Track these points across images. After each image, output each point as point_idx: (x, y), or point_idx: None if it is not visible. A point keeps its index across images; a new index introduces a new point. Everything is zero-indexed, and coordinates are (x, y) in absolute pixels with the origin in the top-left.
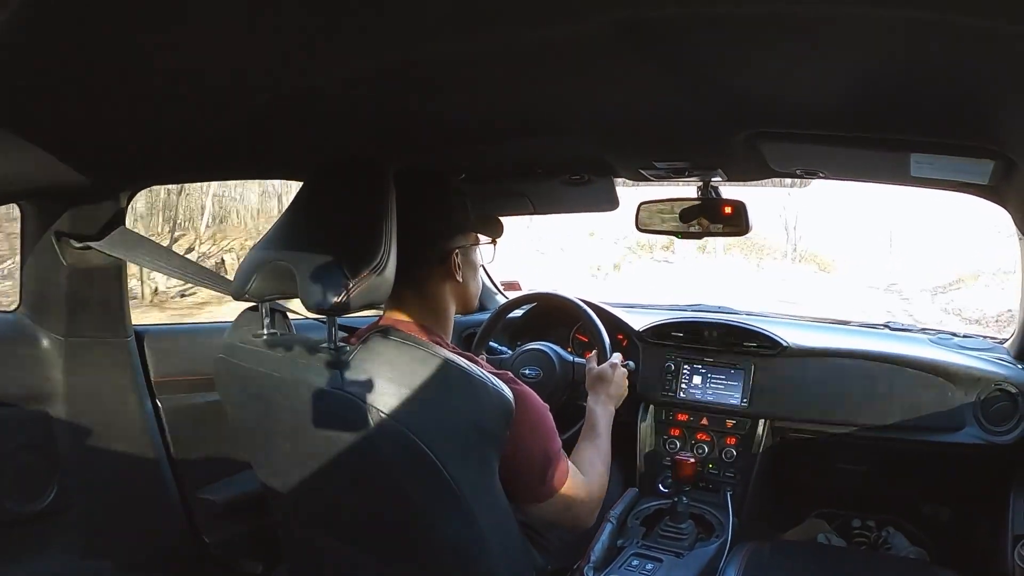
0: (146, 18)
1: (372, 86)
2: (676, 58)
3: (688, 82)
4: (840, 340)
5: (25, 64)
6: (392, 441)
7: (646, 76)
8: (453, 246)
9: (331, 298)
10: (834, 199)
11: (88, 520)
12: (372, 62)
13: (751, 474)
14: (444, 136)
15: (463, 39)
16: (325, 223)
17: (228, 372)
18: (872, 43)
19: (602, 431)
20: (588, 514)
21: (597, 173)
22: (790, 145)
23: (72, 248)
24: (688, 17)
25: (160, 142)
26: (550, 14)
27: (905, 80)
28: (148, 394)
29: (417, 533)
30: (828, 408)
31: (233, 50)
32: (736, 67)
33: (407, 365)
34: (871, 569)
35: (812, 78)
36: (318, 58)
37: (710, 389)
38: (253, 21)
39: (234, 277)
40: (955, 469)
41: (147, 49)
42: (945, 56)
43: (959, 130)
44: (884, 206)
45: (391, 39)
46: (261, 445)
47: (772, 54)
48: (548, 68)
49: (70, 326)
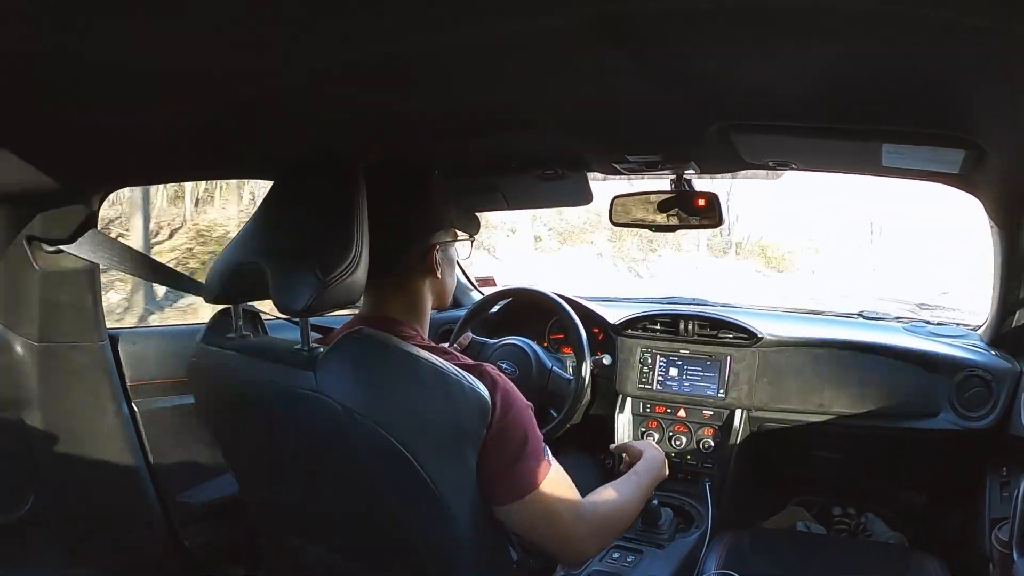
0: (111, 18)
1: (342, 82)
2: (648, 52)
3: (660, 75)
4: (815, 330)
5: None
6: (368, 442)
7: (619, 70)
8: (433, 242)
9: (303, 299)
10: (795, 190)
11: (67, 528)
12: (342, 58)
13: (729, 464)
14: (416, 131)
15: (436, 33)
16: (296, 223)
17: (201, 375)
18: (843, 34)
19: (643, 483)
20: (570, 539)
21: (571, 168)
22: (762, 137)
23: (44, 252)
24: (660, 11)
25: (129, 144)
26: (522, 8)
27: (876, 71)
28: (124, 398)
29: (394, 533)
30: (804, 397)
31: (201, 48)
32: (707, 60)
33: (381, 365)
34: (851, 555)
35: (783, 70)
36: (287, 55)
37: (686, 381)
38: (221, 18)
39: (206, 279)
40: (931, 455)
41: (113, 49)
42: (915, 47)
43: (930, 120)
44: (858, 199)
45: (361, 34)
46: (237, 448)
47: (743, 47)
48: (520, 62)
49: (43, 331)
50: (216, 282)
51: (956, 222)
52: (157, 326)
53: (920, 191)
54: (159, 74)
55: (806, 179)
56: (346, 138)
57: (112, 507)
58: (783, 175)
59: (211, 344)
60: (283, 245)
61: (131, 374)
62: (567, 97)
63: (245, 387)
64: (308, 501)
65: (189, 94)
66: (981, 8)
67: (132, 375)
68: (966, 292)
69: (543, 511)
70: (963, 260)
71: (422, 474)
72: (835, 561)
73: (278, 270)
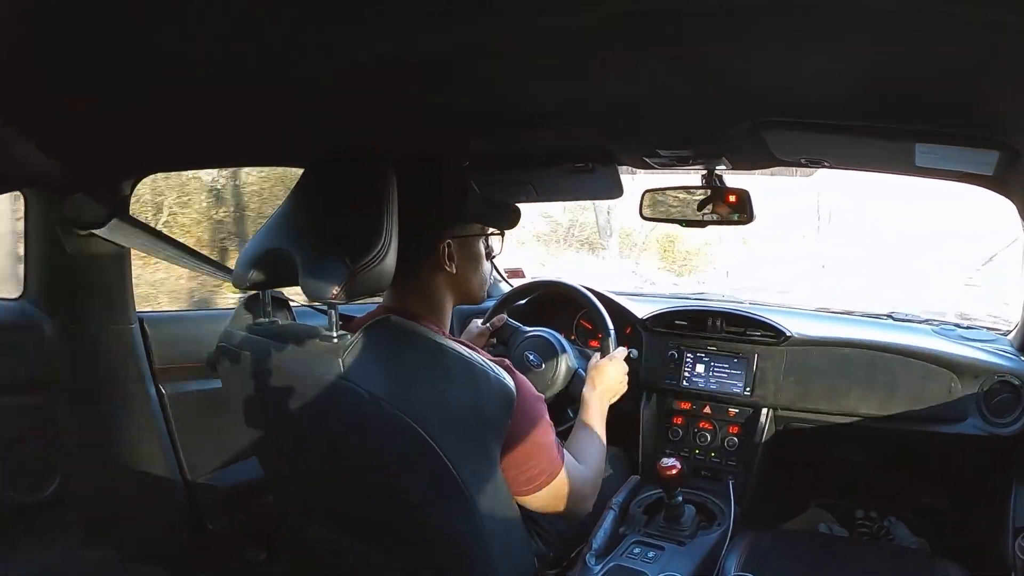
0: (146, 8)
1: (374, 76)
2: (680, 48)
3: (692, 72)
4: (843, 330)
5: (26, 55)
6: (392, 429)
7: (650, 66)
8: (444, 236)
9: (332, 287)
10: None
11: (92, 509)
12: (374, 52)
13: (753, 463)
14: (447, 126)
15: (465, 30)
16: (326, 212)
17: (229, 360)
18: (877, 32)
19: (595, 423)
20: (582, 502)
21: (601, 161)
22: (794, 134)
23: (76, 236)
24: (691, 7)
25: (162, 131)
26: (553, 5)
27: (910, 70)
28: (152, 381)
29: (417, 521)
30: (831, 398)
31: (234, 39)
32: (740, 56)
33: (408, 353)
34: (872, 559)
35: (816, 67)
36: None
37: (713, 378)
38: (254, 9)
39: (235, 265)
40: (956, 460)
41: (148, 39)
42: (950, 46)
43: (964, 120)
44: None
45: (393, 30)
46: (262, 433)
47: (776, 44)
48: (551, 58)
49: (74, 313)
50: (245, 268)
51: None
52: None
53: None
54: (193, 64)
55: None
56: (377, 131)
57: (137, 488)
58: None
59: (240, 329)
60: (313, 232)
61: (159, 357)
62: (597, 93)
63: (272, 372)
64: (331, 487)
65: (223, 85)
66: (1015, 6)
67: (160, 358)
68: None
69: (557, 496)
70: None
71: (445, 462)
72: (856, 565)
73: (307, 257)
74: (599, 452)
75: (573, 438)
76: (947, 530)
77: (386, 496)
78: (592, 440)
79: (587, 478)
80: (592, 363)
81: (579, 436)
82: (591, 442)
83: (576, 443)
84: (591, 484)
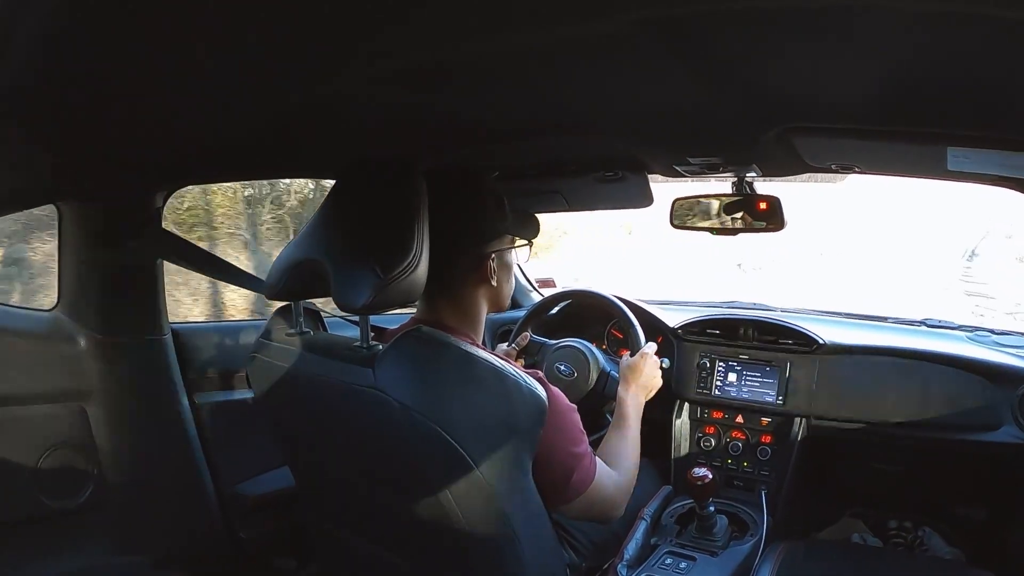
0: (177, 23)
1: (402, 86)
2: (707, 55)
3: (720, 78)
4: (876, 337)
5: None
6: (424, 439)
7: (678, 73)
8: (489, 251)
9: (364, 297)
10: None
11: (124, 516)
12: (402, 62)
13: (786, 473)
14: (476, 135)
15: (491, 38)
16: (357, 222)
17: (261, 370)
18: (906, 36)
19: (632, 422)
20: (616, 507)
21: (631, 169)
22: (824, 140)
23: (109, 248)
24: (719, 13)
25: (194, 144)
26: (580, 12)
27: (941, 73)
28: (184, 391)
29: (448, 531)
30: (864, 406)
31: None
32: (768, 62)
33: (440, 363)
34: (906, 569)
35: (845, 72)
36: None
37: (745, 387)
38: (282, 23)
39: (267, 276)
40: (991, 469)
41: (178, 53)
42: (981, 48)
43: (997, 123)
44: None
45: (420, 39)
46: (294, 443)
47: (804, 48)
48: (578, 67)
49: (107, 325)
50: (277, 279)
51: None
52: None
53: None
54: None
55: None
56: (407, 140)
57: (170, 497)
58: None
59: (272, 340)
60: (344, 243)
61: (192, 368)
62: (626, 101)
63: (304, 383)
64: (362, 496)
65: (253, 98)
66: None
67: (193, 369)
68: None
69: (590, 503)
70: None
71: (477, 473)
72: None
73: (339, 267)
74: (633, 453)
75: (607, 441)
76: (982, 540)
77: (417, 506)
78: (626, 441)
79: (620, 484)
80: (624, 363)
81: (613, 438)
82: (625, 443)
83: (610, 447)
84: (624, 490)
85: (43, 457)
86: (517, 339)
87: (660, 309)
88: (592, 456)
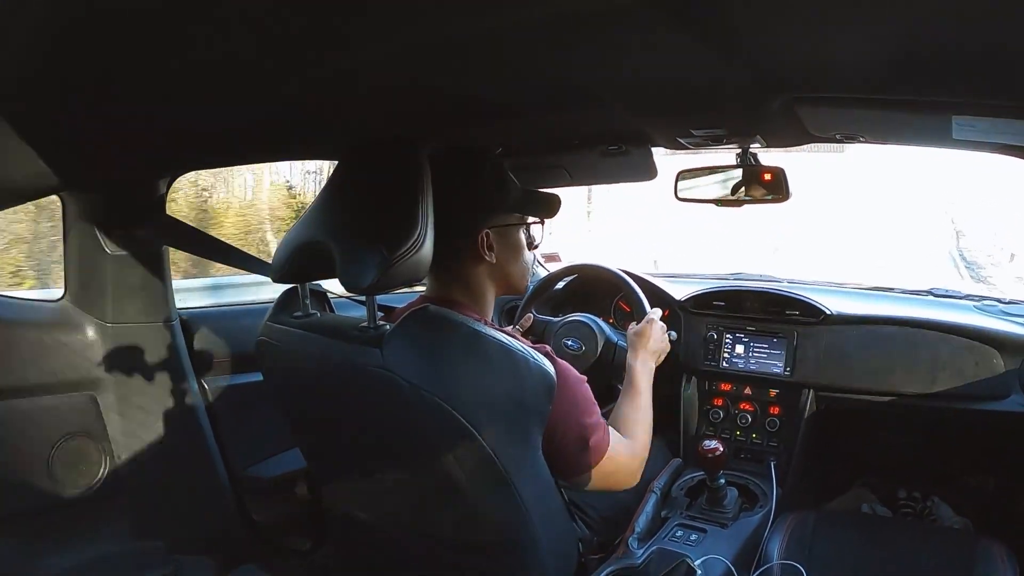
0: (175, 9)
1: (403, 64)
2: (710, 24)
3: (725, 49)
4: (883, 307)
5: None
6: (433, 417)
7: (680, 44)
8: (482, 226)
9: (369, 277)
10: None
11: (138, 502)
12: (401, 39)
13: (795, 444)
14: (478, 112)
15: (493, 12)
16: (362, 203)
17: (269, 353)
18: (911, 3)
19: (643, 388)
20: (633, 473)
21: (634, 143)
22: (828, 110)
23: (114, 235)
24: None
25: (196, 129)
26: None
27: (947, 40)
28: (193, 376)
29: (460, 507)
30: (872, 376)
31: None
32: (771, 31)
33: (447, 341)
34: (916, 539)
35: (851, 40)
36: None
37: (752, 358)
38: (280, 4)
39: (272, 259)
40: (1000, 438)
41: (178, 40)
42: (988, 14)
43: (1003, 91)
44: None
45: (420, 15)
46: (304, 424)
47: (810, 16)
48: (580, 39)
49: (115, 312)
50: (283, 262)
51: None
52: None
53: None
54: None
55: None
56: (408, 119)
57: (182, 481)
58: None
59: (279, 322)
60: (349, 224)
61: (200, 353)
62: (629, 72)
63: (312, 364)
64: (373, 476)
65: (255, 81)
66: None
67: (201, 354)
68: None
69: (616, 466)
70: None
71: (487, 450)
72: (900, 545)
73: (344, 248)
74: (646, 419)
75: (618, 409)
76: (991, 509)
77: (429, 483)
78: (638, 408)
79: (635, 451)
80: (631, 330)
81: (625, 406)
82: (637, 410)
83: (622, 414)
84: (639, 456)
85: (56, 447)
86: (520, 321)
87: (666, 282)
88: (605, 426)
